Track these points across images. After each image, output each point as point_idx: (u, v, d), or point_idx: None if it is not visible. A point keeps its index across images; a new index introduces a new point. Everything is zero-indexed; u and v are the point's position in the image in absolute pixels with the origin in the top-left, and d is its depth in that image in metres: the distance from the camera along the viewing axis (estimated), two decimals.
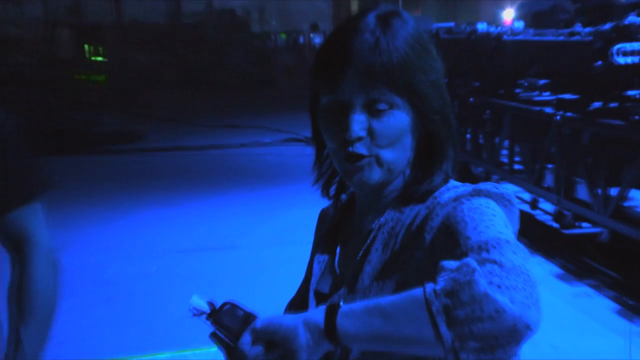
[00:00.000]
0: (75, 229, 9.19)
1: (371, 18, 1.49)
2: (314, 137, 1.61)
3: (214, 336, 1.55)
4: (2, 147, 2.10)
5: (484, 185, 1.46)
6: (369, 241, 1.52)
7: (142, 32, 32.12)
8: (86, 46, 31.61)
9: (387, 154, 1.49)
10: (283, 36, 33.72)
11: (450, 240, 1.34)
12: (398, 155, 1.50)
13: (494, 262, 1.23)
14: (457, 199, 1.41)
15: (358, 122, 1.45)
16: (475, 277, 1.20)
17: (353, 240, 1.59)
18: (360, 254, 1.52)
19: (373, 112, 1.46)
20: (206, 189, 11.63)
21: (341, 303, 1.33)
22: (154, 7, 32.95)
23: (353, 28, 1.49)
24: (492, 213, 1.37)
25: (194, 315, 1.53)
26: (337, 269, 1.61)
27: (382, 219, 1.53)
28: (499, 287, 1.20)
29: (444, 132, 1.53)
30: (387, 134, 1.47)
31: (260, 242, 8.23)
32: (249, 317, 1.52)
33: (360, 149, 1.47)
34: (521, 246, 1.31)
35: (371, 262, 1.49)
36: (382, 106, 1.46)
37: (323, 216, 1.76)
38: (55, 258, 2.19)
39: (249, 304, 1.48)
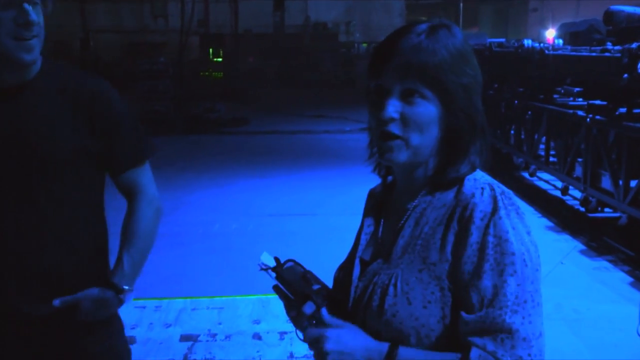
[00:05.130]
0: (192, 191, 9.37)
1: (423, 26, 1.45)
2: (369, 121, 1.54)
3: (276, 288, 1.54)
4: (119, 121, 2.12)
5: (498, 198, 1.40)
6: (404, 219, 1.48)
7: (253, 40, 32.52)
8: (210, 50, 32.20)
9: (415, 139, 1.43)
10: (364, 45, 33.51)
11: (473, 268, 1.36)
12: (424, 141, 1.44)
13: (511, 336, 1.31)
14: (483, 218, 1.38)
15: (393, 106, 1.41)
16: None
17: (393, 216, 1.54)
18: (396, 230, 1.49)
19: (407, 100, 1.42)
20: (293, 165, 11.70)
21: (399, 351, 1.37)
22: (263, 20, 33.18)
23: (405, 31, 1.45)
24: (515, 250, 1.36)
25: (261, 269, 1.52)
26: (379, 241, 1.56)
27: (416, 201, 1.48)
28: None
29: (467, 129, 1.45)
30: (416, 120, 1.42)
31: (334, 211, 8.12)
32: (306, 274, 1.51)
33: (393, 128, 1.42)
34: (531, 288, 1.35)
35: (404, 237, 1.46)
36: (414, 96, 1.41)
37: (371, 194, 1.69)
38: (157, 206, 2.24)
39: (319, 261, 1.40)
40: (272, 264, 1.52)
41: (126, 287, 2.10)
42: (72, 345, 2.12)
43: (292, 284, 1.50)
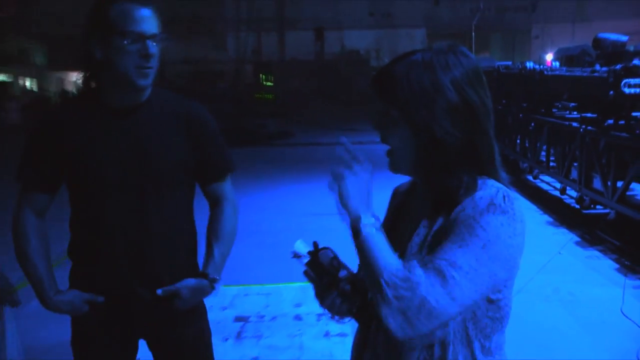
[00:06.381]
0: (245, 194, 9.38)
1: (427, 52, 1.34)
2: None
3: (306, 273, 1.48)
4: (211, 140, 2.15)
5: (495, 198, 1.27)
6: (420, 220, 1.39)
7: (297, 66, 32.59)
8: (262, 75, 32.34)
9: (395, 156, 1.39)
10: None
11: (444, 239, 1.27)
12: (400, 158, 1.38)
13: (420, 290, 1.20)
14: (475, 208, 1.26)
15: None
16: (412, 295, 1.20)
17: (412, 215, 1.45)
18: (413, 228, 1.40)
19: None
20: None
21: (362, 222, 1.30)
22: (305, 49, 33.25)
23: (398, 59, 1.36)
24: (481, 236, 1.23)
25: (293, 257, 1.47)
26: (399, 235, 1.45)
27: (425, 223, 1.38)
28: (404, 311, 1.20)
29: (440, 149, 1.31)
30: (391, 140, 1.37)
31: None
32: (333, 261, 1.46)
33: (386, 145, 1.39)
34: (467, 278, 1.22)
35: (419, 235, 1.35)
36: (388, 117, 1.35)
37: (395, 191, 1.60)
38: (236, 208, 2.26)
39: (352, 252, 1.37)
40: (305, 251, 1.47)
41: (217, 277, 2.13)
42: (169, 326, 2.14)
43: (322, 269, 1.46)
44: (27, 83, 34.42)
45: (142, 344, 2.25)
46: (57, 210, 2.25)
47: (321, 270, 1.45)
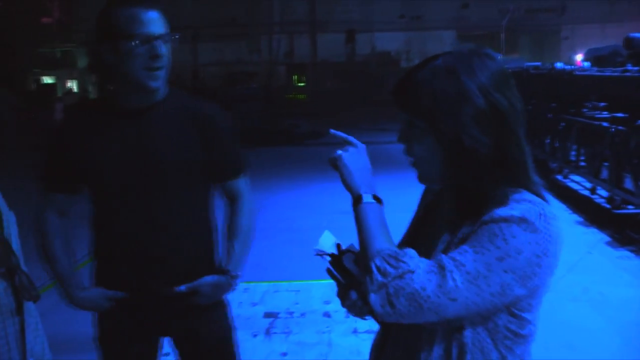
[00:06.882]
0: (278, 192, 9.42)
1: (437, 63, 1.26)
2: None
3: (329, 271, 1.44)
4: (223, 140, 2.13)
5: (529, 214, 1.17)
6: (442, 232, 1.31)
7: (329, 68, 32.62)
8: (294, 77, 32.46)
9: (419, 167, 1.32)
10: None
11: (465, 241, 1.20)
12: (427, 169, 1.31)
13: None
14: (505, 219, 1.17)
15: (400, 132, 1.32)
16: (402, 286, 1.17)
17: (439, 220, 1.37)
18: (439, 233, 1.32)
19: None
20: None
21: (363, 200, 1.31)
22: (337, 51, 33.24)
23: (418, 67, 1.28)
24: (502, 248, 1.15)
25: (317, 254, 1.43)
26: (428, 232, 1.38)
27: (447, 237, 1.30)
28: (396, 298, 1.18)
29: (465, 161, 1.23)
30: (416, 151, 1.31)
31: (395, 208, 7.98)
32: (355, 263, 1.40)
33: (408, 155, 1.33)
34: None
35: (443, 242, 1.26)
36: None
37: (427, 190, 1.50)
38: (253, 207, 2.24)
39: None
40: (329, 247, 1.43)
41: (237, 274, 2.13)
42: (191, 323, 2.14)
43: (345, 269, 1.42)
44: (69, 85, 35.29)
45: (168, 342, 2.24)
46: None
47: (343, 270, 1.41)
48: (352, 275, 1.39)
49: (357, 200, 1.30)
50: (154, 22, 1.90)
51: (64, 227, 2.11)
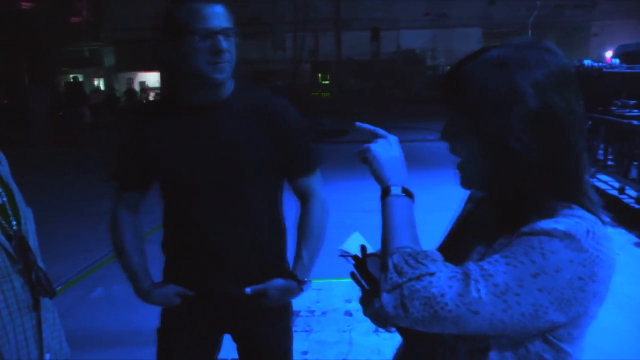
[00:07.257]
0: None
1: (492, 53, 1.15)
2: None
3: (352, 275, 1.38)
4: (295, 135, 2.09)
5: (575, 229, 1.04)
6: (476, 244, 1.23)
7: (353, 65, 32.57)
8: (319, 74, 32.47)
9: (463, 169, 1.20)
10: (447, 68, 32.94)
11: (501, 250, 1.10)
12: (470, 172, 1.20)
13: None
14: (546, 232, 1.05)
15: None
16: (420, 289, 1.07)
17: (478, 228, 1.27)
18: (474, 244, 1.23)
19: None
20: None
21: (393, 191, 1.24)
22: (362, 49, 33.13)
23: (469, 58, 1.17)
24: (540, 270, 1.03)
25: (340, 255, 1.38)
26: (465, 241, 1.28)
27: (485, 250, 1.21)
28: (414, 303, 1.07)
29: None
30: (460, 151, 1.20)
31: (420, 208, 7.93)
32: (379, 270, 1.34)
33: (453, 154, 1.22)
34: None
35: (478, 253, 1.16)
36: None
37: (471, 195, 1.39)
38: (325, 206, 2.19)
39: None
40: (354, 250, 1.38)
41: (306, 279, 2.10)
42: (254, 323, 2.14)
43: (369, 275, 1.35)
44: (96, 83, 35.87)
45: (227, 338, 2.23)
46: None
47: (368, 276, 1.35)
48: (377, 281, 1.32)
49: (384, 192, 1.23)
50: (217, 16, 1.88)
51: (135, 223, 2.15)
